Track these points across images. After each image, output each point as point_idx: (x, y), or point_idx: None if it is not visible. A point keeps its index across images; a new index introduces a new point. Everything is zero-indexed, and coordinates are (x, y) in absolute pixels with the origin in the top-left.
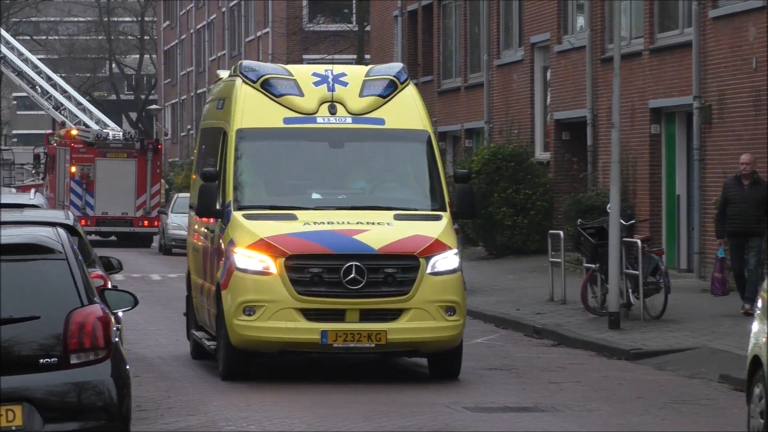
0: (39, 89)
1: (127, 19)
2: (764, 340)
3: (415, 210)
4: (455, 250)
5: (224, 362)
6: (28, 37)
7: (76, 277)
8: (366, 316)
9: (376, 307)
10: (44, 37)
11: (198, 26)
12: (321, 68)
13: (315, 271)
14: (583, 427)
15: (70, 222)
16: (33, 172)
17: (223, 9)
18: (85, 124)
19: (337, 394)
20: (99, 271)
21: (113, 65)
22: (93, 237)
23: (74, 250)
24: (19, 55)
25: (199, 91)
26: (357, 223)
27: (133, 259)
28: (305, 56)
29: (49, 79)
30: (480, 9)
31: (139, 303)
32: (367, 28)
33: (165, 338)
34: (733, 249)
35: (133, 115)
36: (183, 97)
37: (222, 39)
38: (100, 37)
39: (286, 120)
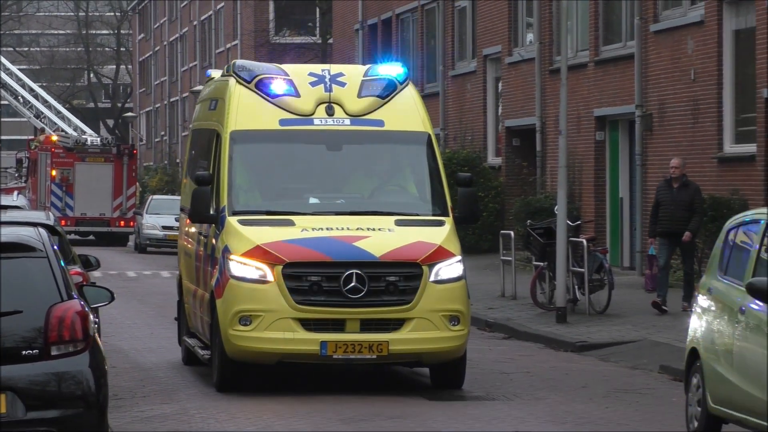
0: (21, 99)
1: (104, 31)
2: (700, 333)
3: (417, 215)
4: (459, 257)
5: (219, 373)
6: (11, 49)
7: (56, 274)
8: (367, 326)
9: (377, 317)
10: (26, 49)
11: (171, 39)
12: (318, 68)
13: (314, 279)
14: (532, 415)
15: (51, 222)
16: (16, 175)
17: (195, 23)
18: (63, 131)
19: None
20: (78, 269)
21: (91, 75)
22: (72, 236)
23: (54, 249)
24: (3, 67)
25: (172, 100)
26: (357, 229)
27: (110, 257)
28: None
29: (30, 90)
30: (435, 23)
31: (116, 298)
32: (330, 41)
33: (140, 331)
34: (662, 247)
35: (110, 122)
36: (157, 105)
37: (194, 51)
38: (78, 49)
39: (282, 121)
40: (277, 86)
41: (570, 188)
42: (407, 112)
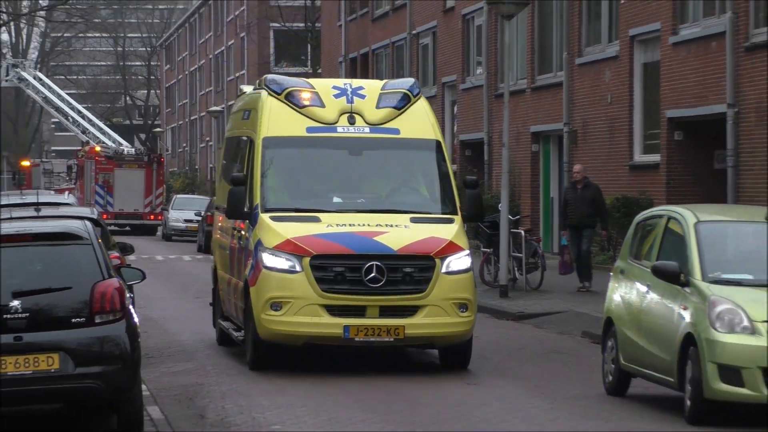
0: (70, 118)
1: (137, 63)
2: (614, 305)
3: (429, 213)
4: (467, 251)
5: (252, 353)
6: (63, 77)
7: (98, 258)
8: (385, 311)
9: (394, 304)
10: (75, 77)
11: (191, 69)
12: (340, 82)
13: (338, 270)
14: (481, 370)
15: (95, 216)
16: (66, 179)
17: (210, 56)
18: (104, 143)
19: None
20: (116, 253)
21: (127, 98)
22: (112, 228)
23: (97, 238)
24: (56, 93)
25: (191, 118)
26: (377, 225)
27: (142, 245)
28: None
29: (77, 111)
30: (403, 56)
31: (146, 277)
32: (320, 71)
33: (167, 303)
34: (571, 238)
35: (142, 136)
36: (180, 122)
37: (209, 78)
38: (117, 77)
39: (309, 129)
40: (305, 98)
41: (511, 190)
42: (420, 122)
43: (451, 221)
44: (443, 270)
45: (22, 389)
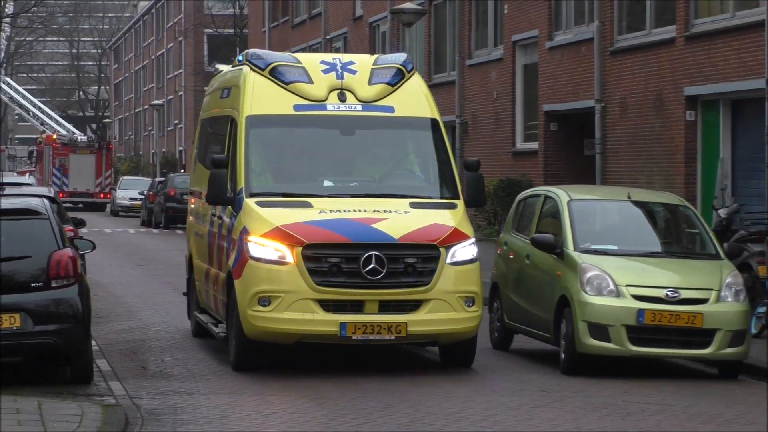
0: (31, 112)
1: (90, 63)
2: (500, 272)
3: (430, 198)
4: (473, 240)
5: (236, 352)
6: (25, 75)
7: (54, 230)
8: (385, 307)
9: (395, 298)
10: (36, 75)
11: (136, 68)
12: (329, 56)
13: (333, 260)
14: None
15: (51, 195)
16: (28, 162)
17: (153, 57)
18: (60, 132)
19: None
20: (70, 227)
21: (80, 93)
22: (67, 205)
23: (54, 213)
24: (20, 93)
25: (136, 110)
26: (374, 211)
27: (93, 219)
28: (205, 88)
29: (37, 106)
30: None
31: (96, 248)
32: None
33: (114, 270)
34: None
35: (94, 126)
36: (126, 114)
37: (152, 76)
38: (72, 75)
39: (296, 107)
40: (291, 73)
41: None
42: (416, 99)
43: (453, 206)
44: (448, 260)
45: None
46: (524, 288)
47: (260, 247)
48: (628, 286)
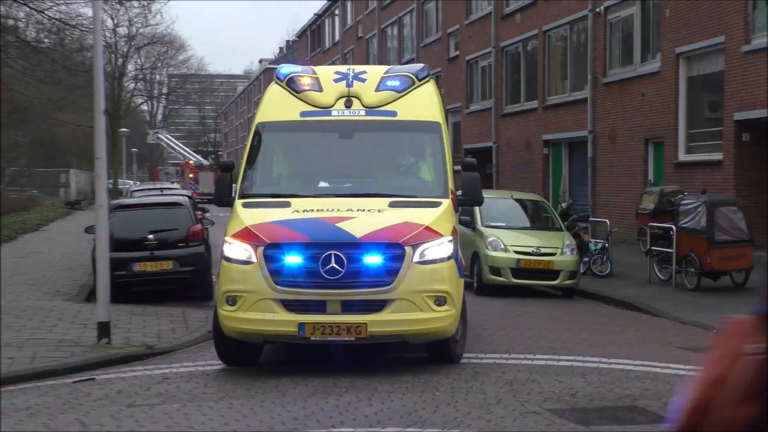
0: (176, 149)
1: (209, 120)
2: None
3: (415, 197)
4: (449, 238)
5: (217, 348)
6: (173, 128)
7: (191, 214)
8: (348, 307)
9: (357, 299)
10: (178, 127)
11: (237, 123)
12: (344, 68)
13: (293, 260)
14: None
15: (189, 194)
16: (175, 176)
17: (246, 117)
18: (194, 159)
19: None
20: (200, 212)
21: (205, 137)
22: (197, 200)
23: (190, 205)
24: (169, 138)
25: (236, 147)
26: (347, 210)
27: (213, 209)
28: None
29: (179, 145)
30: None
31: (215, 224)
32: None
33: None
34: None
35: (212, 156)
36: (231, 149)
37: (245, 128)
38: (199, 127)
39: (303, 113)
40: (304, 82)
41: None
42: (421, 104)
43: (436, 205)
44: (415, 259)
45: (154, 278)
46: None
47: (230, 246)
48: (511, 245)
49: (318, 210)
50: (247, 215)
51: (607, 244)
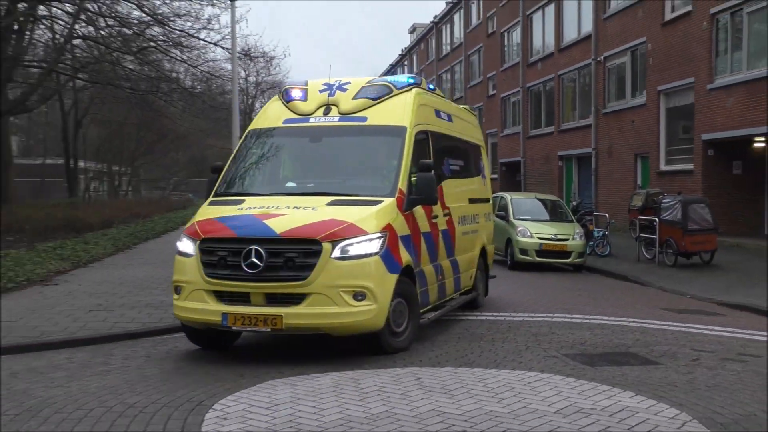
0: None
1: None
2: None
3: (359, 195)
4: (377, 234)
5: (184, 330)
6: None
7: None
8: (271, 299)
9: (277, 292)
10: None
11: None
12: (333, 79)
13: (221, 254)
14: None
15: None
16: None
17: None
18: None
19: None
20: None
21: None
22: None
23: None
24: None
25: None
26: (285, 207)
27: None
28: None
29: None
30: None
31: None
32: None
33: None
34: None
35: None
36: None
37: None
38: None
39: (286, 120)
40: (293, 93)
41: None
42: (393, 111)
43: (376, 203)
44: (335, 255)
45: None
46: (497, 234)
47: (180, 241)
48: (535, 233)
49: (261, 207)
50: (202, 212)
51: (606, 232)
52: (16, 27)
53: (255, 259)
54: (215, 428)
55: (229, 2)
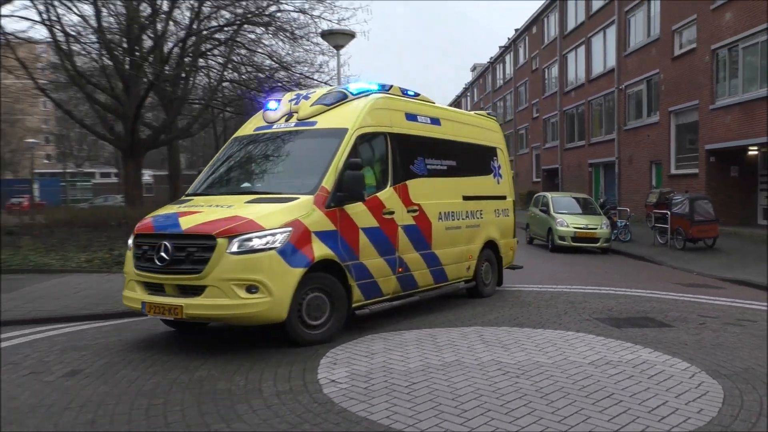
0: None
1: None
2: (529, 219)
3: (278, 193)
4: (277, 230)
5: None
6: None
7: None
8: (181, 290)
9: (180, 283)
10: None
11: None
12: (304, 91)
13: (144, 248)
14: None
15: None
16: None
17: None
18: None
19: None
20: None
21: None
22: None
23: None
24: None
25: None
26: (207, 206)
27: None
28: None
29: None
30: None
31: None
32: None
33: None
34: None
35: None
36: None
37: None
38: None
39: (256, 128)
40: (270, 105)
41: None
42: (343, 115)
43: (290, 200)
44: (229, 250)
45: None
46: (536, 224)
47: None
48: (571, 223)
49: (190, 206)
50: (158, 210)
51: (627, 223)
52: (183, 75)
53: (163, 253)
54: (328, 369)
55: (335, 51)
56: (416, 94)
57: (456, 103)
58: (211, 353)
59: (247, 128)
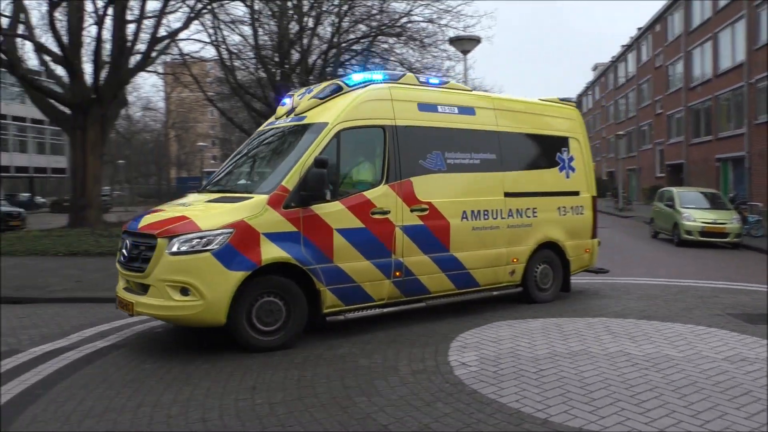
0: None
1: None
2: (654, 213)
3: (239, 193)
4: (212, 232)
5: None
6: None
7: None
8: (139, 288)
9: (135, 281)
10: None
11: None
12: (314, 86)
13: (122, 245)
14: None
15: None
16: None
17: None
18: None
19: None
20: None
21: None
22: None
23: None
24: None
25: None
26: (180, 205)
27: None
28: None
29: None
30: None
31: None
32: None
33: None
34: None
35: None
36: None
37: None
38: None
39: (267, 124)
40: (284, 100)
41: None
42: (329, 109)
43: (241, 200)
44: (169, 250)
45: None
46: (661, 219)
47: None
48: (698, 218)
49: (173, 203)
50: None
51: (760, 218)
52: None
53: (124, 250)
54: (458, 353)
55: (461, 56)
56: (443, 83)
57: (577, 102)
58: (351, 332)
59: (264, 125)
